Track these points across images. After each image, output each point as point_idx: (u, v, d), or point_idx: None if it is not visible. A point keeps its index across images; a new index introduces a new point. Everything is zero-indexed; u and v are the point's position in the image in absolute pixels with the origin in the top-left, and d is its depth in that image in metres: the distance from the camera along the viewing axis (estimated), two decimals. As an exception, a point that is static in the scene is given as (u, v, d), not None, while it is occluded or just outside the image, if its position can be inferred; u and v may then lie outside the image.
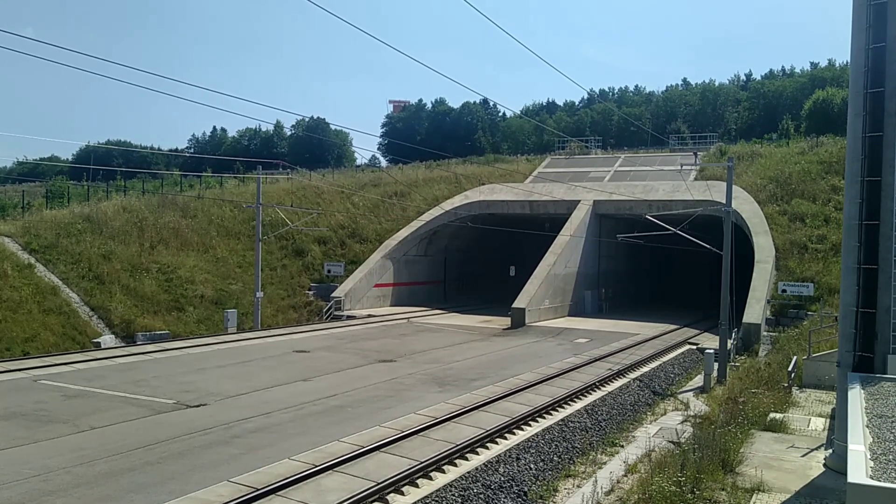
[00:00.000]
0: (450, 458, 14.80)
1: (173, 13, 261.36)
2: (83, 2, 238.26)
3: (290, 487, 12.49)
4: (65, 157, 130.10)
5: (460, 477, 14.04)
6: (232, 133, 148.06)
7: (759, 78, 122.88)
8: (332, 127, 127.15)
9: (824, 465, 15.26)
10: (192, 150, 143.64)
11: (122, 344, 32.66)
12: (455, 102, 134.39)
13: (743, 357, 32.15)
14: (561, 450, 17.26)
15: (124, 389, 20.04)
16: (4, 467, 13.02)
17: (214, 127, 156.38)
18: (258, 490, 12.12)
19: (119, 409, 17.75)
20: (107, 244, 47.43)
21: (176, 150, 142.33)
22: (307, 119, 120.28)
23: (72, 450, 14.25)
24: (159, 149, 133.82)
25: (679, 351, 33.02)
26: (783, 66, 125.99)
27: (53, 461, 13.48)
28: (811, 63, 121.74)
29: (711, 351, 27.61)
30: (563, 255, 43.73)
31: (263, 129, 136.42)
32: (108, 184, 72.43)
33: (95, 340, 33.50)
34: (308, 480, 12.88)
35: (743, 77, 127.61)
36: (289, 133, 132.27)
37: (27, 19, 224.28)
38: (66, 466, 13.21)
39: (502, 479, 14.69)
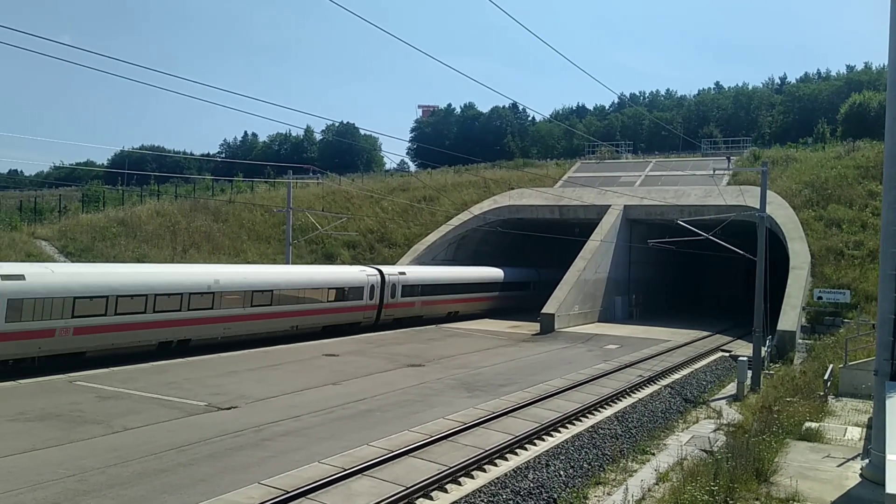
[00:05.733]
0: (479, 463, 14.74)
1: (205, 20, 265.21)
2: (117, 9, 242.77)
3: (320, 491, 12.53)
4: (100, 161, 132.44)
5: (489, 483, 13.97)
6: (263, 138, 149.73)
7: (793, 81, 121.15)
8: (362, 132, 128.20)
9: (861, 475, 14.94)
10: (223, 155, 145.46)
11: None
12: (484, 107, 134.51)
13: (777, 365, 31.63)
14: (591, 457, 17.11)
15: (157, 391, 20.29)
16: (40, 467, 13.24)
17: (245, 132, 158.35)
18: (288, 493, 12.17)
19: (152, 411, 17.98)
20: (140, 247, 48.22)
21: (208, 154, 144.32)
22: (337, 124, 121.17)
23: (106, 450, 14.45)
24: (192, 153, 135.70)
25: (711, 358, 32.58)
26: (818, 70, 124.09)
27: (88, 461, 13.68)
28: (847, 66, 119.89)
29: (745, 358, 27.22)
30: (593, 261, 43.42)
31: (294, 134, 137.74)
32: (142, 188, 73.67)
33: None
34: (337, 484, 12.91)
35: (777, 80, 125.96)
36: (319, 138, 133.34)
37: (64, 26, 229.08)
38: (101, 467, 13.39)
39: (532, 485, 14.59)
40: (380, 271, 37.61)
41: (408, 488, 12.80)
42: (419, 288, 40.17)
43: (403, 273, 39.33)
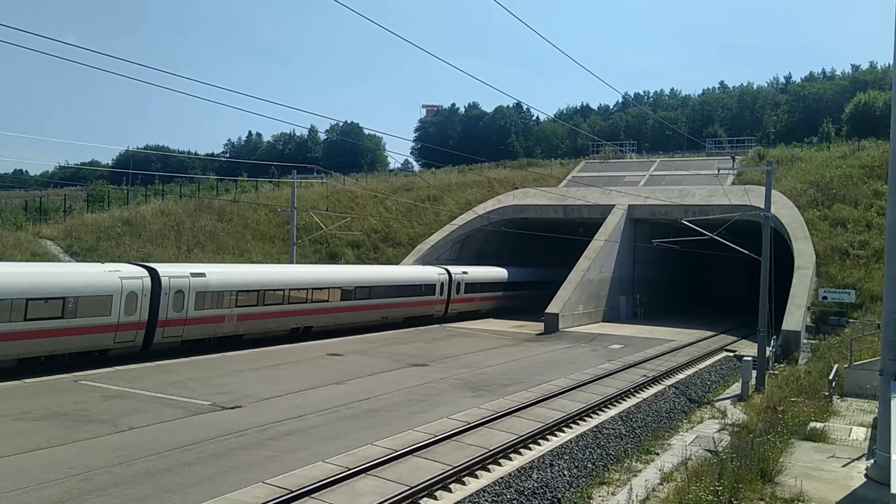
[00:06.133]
0: (483, 463, 14.74)
1: (210, 20, 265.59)
2: (121, 9, 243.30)
3: (324, 490, 12.55)
4: (105, 161, 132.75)
5: (493, 482, 13.97)
6: (267, 138, 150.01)
7: (798, 81, 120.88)
8: (366, 131, 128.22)
9: (866, 475, 14.89)
10: (228, 155, 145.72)
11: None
12: (488, 107, 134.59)
13: (782, 365, 31.57)
14: (595, 457, 17.10)
15: (161, 391, 20.33)
16: (45, 466, 13.28)
17: (250, 132, 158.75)
18: (293, 492, 12.19)
19: (156, 410, 18.01)
20: (145, 247, 48.27)
21: (212, 154, 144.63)
22: (341, 124, 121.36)
23: (111, 449, 14.48)
24: (196, 153, 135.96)
25: (716, 358, 32.54)
26: (823, 69, 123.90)
27: (93, 460, 13.71)
28: (852, 65, 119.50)
29: (749, 358, 27.19)
30: (597, 261, 43.38)
31: (298, 133, 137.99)
32: (146, 188, 73.75)
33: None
34: (342, 483, 12.92)
35: (782, 80, 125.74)
36: (323, 138, 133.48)
37: (69, 26, 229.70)
38: (106, 466, 13.43)
39: (536, 485, 14.58)
40: (447, 271, 42.24)
41: (412, 488, 12.80)
42: (478, 286, 44.99)
43: (466, 272, 43.88)
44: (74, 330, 22.95)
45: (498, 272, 47.68)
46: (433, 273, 41.30)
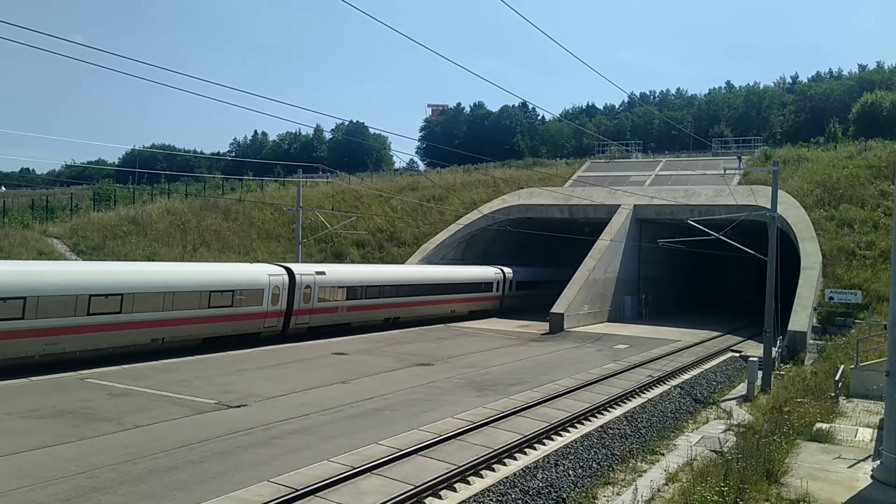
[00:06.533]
0: (487, 462, 14.74)
1: (216, 19, 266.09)
2: (127, 8, 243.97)
3: (329, 489, 12.56)
4: (111, 160, 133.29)
5: (498, 482, 13.96)
6: (273, 137, 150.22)
7: (805, 80, 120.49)
8: (371, 131, 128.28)
9: (872, 476, 14.82)
10: (233, 154, 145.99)
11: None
12: (494, 106, 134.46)
13: (788, 366, 31.47)
14: (600, 457, 17.07)
15: (167, 389, 20.38)
16: (52, 464, 13.32)
17: (255, 131, 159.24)
18: (298, 491, 12.20)
19: (162, 409, 18.06)
20: (151, 246, 48.42)
21: (218, 153, 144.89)
22: (347, 123, 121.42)
23: (116, 447, 14.52)
24: (202, 152, 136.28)
25: (721, 358, 32.46)
26: (830, 69, 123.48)
27: (99, 458, 13.75)
28: (859, 65, 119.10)
29: (755, 359, 27.10)
30: (602, 260, 43.32)
31: (304, 133, 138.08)
32: (152, 187, 74.00)
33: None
34: (346, 482, 12.93)
35: (789, 80, 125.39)
36: (328, 137, 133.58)
37: (76, 25, 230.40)
38: (111, 464, 13.47)
39: (540, 485, 14.57)
40: (502, 270, 46.92)
41: (417, 487, 12.81)
42: (525, 283, 49.25)
43: (517, 271, 48.42)
44: (239, 316, 28.60)
45: (545, 271, 51.90)
46: (491, 272, 46.30)
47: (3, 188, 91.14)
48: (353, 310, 34.68)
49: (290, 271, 31.06)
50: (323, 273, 33.02)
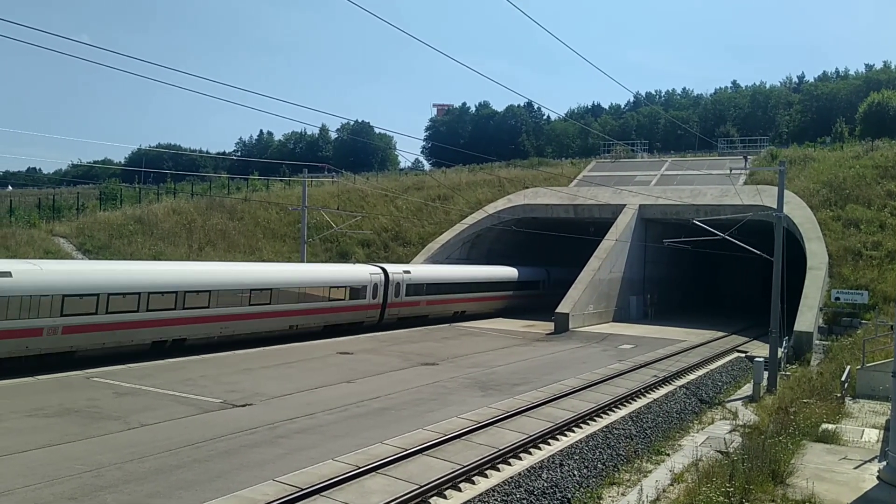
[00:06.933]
0: (492, 462, 14.74)
1: (221, 19, 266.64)
2: (132, 8, 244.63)
3: (334, 488, 12.57)
4: (117, 160, 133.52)
5: (503, 482, 13.96)
6: (278, 137, 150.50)
7: (811, 80, 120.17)
8: (377, 130, 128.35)
9: (878, 477, 14.79)
10: (239, 154, 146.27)
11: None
12: (499, 106, 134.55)
13: (794, 366, 31.40)
14: (605, 457, 17.06)
15: (173, 388, 20.43)
16: (58, 463, 13.37)
17: (261, 130, 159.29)
18: (303, 490, 12.22)
19: (168, 408, 18.10)
20: (157, 245, 48.56)
21: (224, 153, 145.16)
22: (352, 123, 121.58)
23: (122, 446, 14.57)
24: (208, 152, 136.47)
25: (727, 359, 32.38)
26: (837, 69, 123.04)
27: (105, 457, 13.79)
28: (866, 65, 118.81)
29: (761, 359, 27.04)
30: (607, 260, 43.25)
31: (309, 132, 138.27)
32: (158, 186, 74.14)
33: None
34: (352, 482, 12.95)
35: (795, 79, 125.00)
36: (334, 137, 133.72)
37: (83, 25, 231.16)
38: (117, 462, 13.51)
39: (545, 485, 14.57)
40: (547, 270, 50.95)
41: (422, 487, 12.81)
42: (560, 281, 48.99)
43: (522, 271, 49.71)
44: (350, 307, 34.31)
45: (549, 271, 53.64)
46: (541, 271, 50.52)
47: (10, 187, 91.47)
48: (431, 304, 39.73)
49: (384, 270, 36.42)
50: (409, 272, 38.11)
